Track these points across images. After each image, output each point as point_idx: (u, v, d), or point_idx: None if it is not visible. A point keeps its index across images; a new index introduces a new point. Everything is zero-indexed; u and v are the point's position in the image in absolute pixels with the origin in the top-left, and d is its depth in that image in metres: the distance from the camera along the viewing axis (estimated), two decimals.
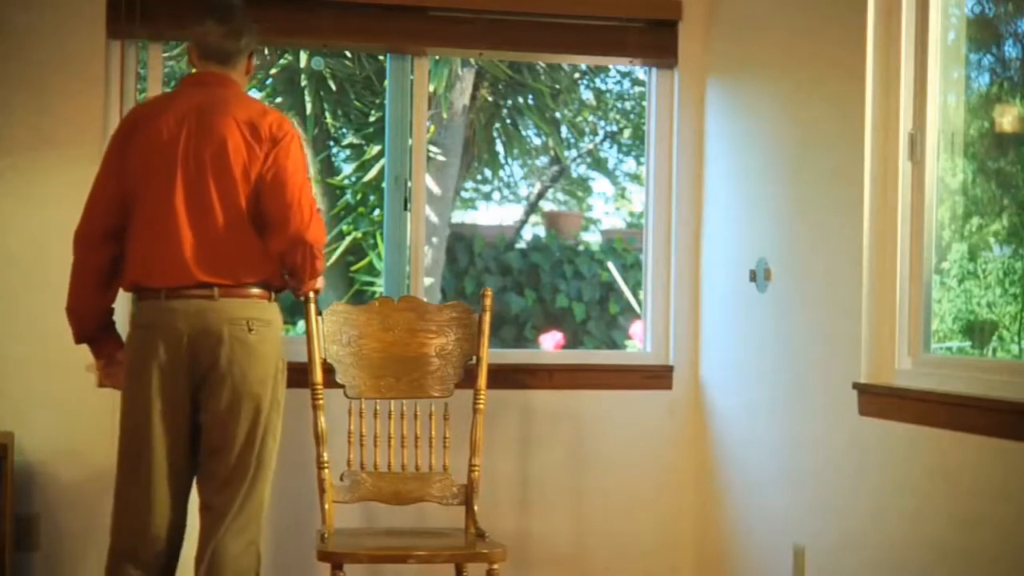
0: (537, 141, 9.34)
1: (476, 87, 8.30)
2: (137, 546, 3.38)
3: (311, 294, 3.76)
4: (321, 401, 3.88)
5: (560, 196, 10.36)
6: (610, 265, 8.87)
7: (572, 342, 8.35)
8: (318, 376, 3.89)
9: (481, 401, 3.96)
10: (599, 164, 10.35)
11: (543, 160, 9.87)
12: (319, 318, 3.91)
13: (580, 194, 10.48)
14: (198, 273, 3.36)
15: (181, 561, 3.49)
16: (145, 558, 3.39)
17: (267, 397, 3.41)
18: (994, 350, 3.71)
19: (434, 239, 7.67)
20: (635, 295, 8.55)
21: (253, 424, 3.39)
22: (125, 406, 3.43)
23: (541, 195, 10.08)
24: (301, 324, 5.76)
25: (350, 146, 8.67)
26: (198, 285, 3.36)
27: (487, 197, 10.05)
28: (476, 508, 3.90)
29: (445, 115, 7.92)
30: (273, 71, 8.19)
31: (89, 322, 3.52)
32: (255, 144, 3.39)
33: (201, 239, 3.37)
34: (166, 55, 4.67)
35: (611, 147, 10.29)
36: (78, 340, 3.55)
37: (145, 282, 3.40)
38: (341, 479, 3.92)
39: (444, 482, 3.96)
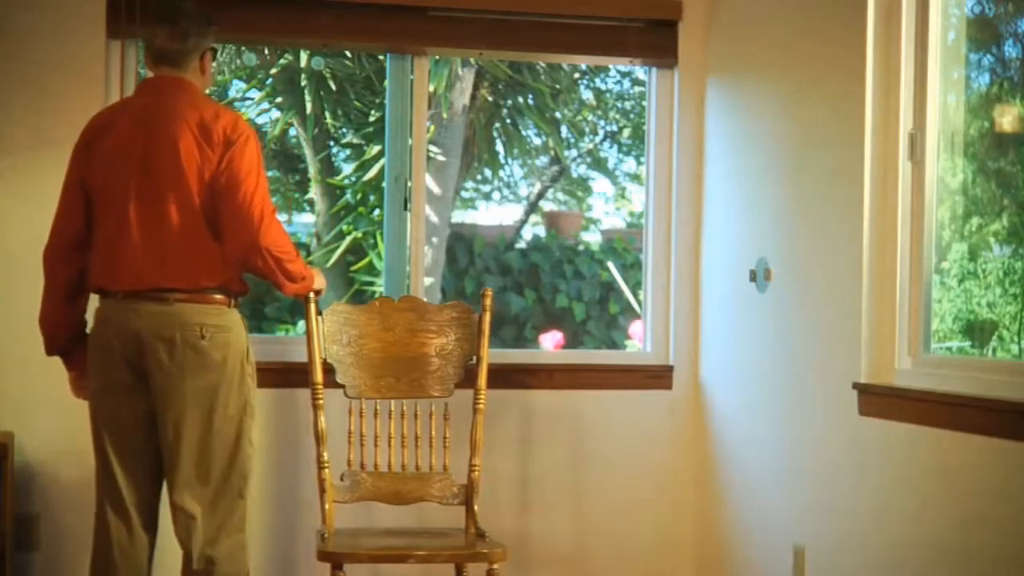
0: (537, 141, 9.34)
1: (476, 87, 8.30)
2: (112, 537, 3.42)
3: (311, 295, 3.75)
4: (321, 401, 3.88)
5: (560, 196, 10.36)
6: (610, 265, 8.87)
7: (572, 342, 8.34)
8: (318, 376, 3.89)
9: (481, 401, 3.95)
10: (599, 164, 10.35)
11: (543, 160, 9.87)
12: (319, 318, 3.91)
13: (580, 194, 10.48)
14: (155, 279, 3.36)
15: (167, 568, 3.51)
16: (122, 545, 3.43)
17: (223, 402, 3.40)
18: (994, 350, 3.71)
19: (434, 239, 7.67)
20: (635, 295, 8.55)
21: (207, 430, 3.38)
22: (89, 402, 3.49)
23: (541, 195, 10.08)
24: (301, 324, 5.76)
25: (350, 146, 8.67)
26: (155, 290, 3.37)
27: (487, 197, 10.05)
28: (476, 508, 3.90)
29: (445, 115, 7.92)
30: (273, 71, 8.19)
31: (60, 334, 3.55)
32: (207, 147, 3.37)
33: (157, 246, 3.36)
34: None
35: (611, 147, 10.29)
36: (49, 352, 3.58)
37: (106, 287, 3.44)
38: (341, 479, 3.92)
39: (444, 482, 3.96)
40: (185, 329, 3.36)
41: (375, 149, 8.00)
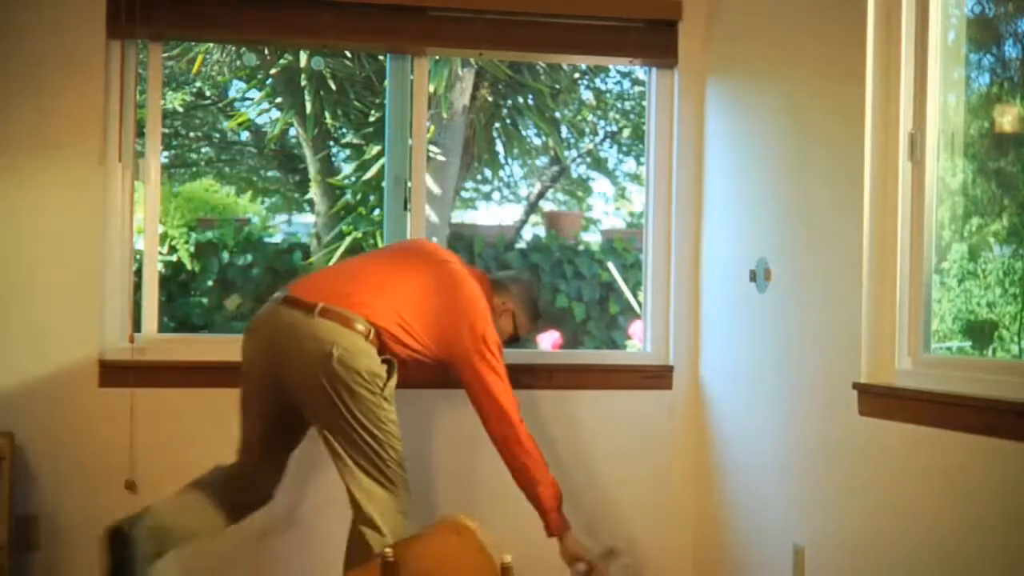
0: (537, 141, 9.36)
1: (476, 87, 8.31)
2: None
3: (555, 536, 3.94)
4: None
5: (560, 196, 10.38)
6: (610, 265, 8.87)
7: (572, 342, 8.35)
8: None
9: None
10: (599, 164, 10.37)
11: (543, 160, 9.89)
12: None
13: (580, 194, 10.50)
14: (323, 298, 3.61)
15: None
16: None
17: (346, 408, 3.55)
18: (994, 350, 3.72)
19: (434, 239, 7.67)
20: (635, 295, 8.56)
21: (332, 431, 3.58)
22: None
23: (541, 195, 10.10)
24: None
25: (350, 146, 8.68)
26: (311, 305, 3.59)
27: (487, 197, 10.07)
28: None
29: (445, 115, 7.93)
30: (273, 71, 8.20)
31: None
32: (474, 321, 3.78)
33: (370, 284, 3.70)
34: (166, 55, 4.67)
35: (611, 147, 10.31)
36: None
37: (288, 290, 3.73)
38: None
39: None
40: (318, 343, 3.55)
41: (375, 149, 8.02)
